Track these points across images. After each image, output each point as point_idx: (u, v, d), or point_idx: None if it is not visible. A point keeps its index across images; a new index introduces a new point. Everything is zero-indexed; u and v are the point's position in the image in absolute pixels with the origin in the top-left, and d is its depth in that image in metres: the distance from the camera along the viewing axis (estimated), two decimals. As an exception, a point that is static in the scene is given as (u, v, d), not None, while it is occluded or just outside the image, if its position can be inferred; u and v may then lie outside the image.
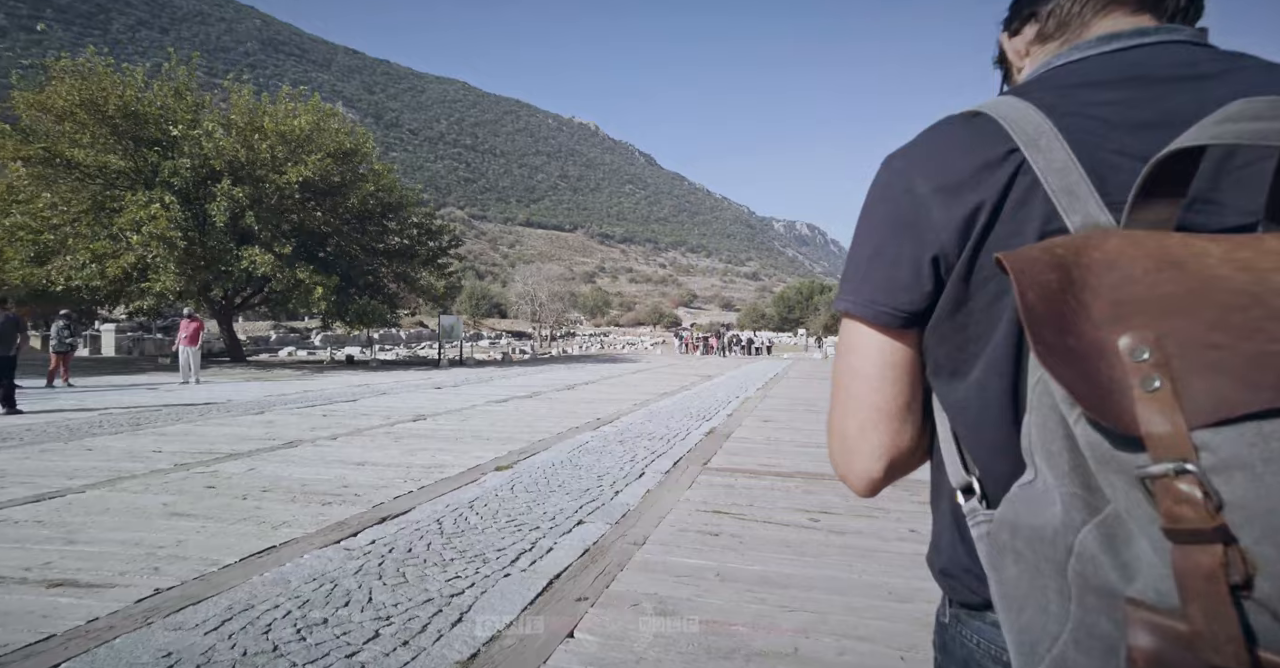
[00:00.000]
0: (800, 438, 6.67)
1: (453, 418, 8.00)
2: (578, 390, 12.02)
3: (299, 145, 16.54)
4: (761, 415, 8.53)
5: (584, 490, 4.36)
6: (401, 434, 6.70)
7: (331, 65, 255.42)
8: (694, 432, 6.99)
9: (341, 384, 12.93)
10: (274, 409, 8.68)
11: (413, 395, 10.81)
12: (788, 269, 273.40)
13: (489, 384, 13.35)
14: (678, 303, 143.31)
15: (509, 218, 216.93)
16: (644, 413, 8.61)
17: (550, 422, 7.71)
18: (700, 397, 10.95)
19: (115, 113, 14.26)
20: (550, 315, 60.82)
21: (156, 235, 13.71)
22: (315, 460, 5.28)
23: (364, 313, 17.89)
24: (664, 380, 14.85)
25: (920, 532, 3.54)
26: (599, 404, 9.64)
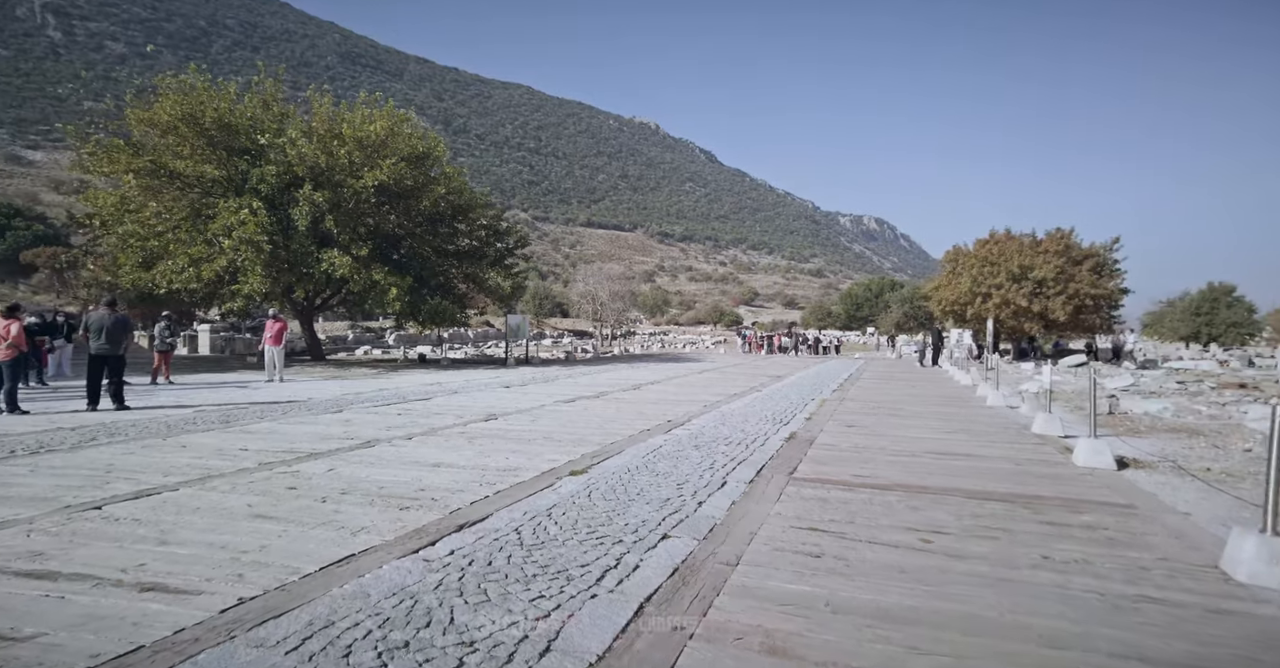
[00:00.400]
0: (891, 446, 6.19)
1: (523, 418, 7.94)
2: (644, 391, 11.81)
3: (375, 150, 17.11)
4: (843, 420, 8.05)
5: (664, 500, 4.11)
6: (474, 434, 6.66)
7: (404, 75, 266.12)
8: (773, 437, 6.62)
9: (415, 383, 13.23)
10: (352, 408, 8.90)
11: (483, 394, 10.90)
12: (854, 265, 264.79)
13: (555, 384, 13.35)
14: (738, 301, 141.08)
15: (570, 219, 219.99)
16: (716, 416, 8.29)
17: (620, 423, 7.51)
18: (773, 399, 10.52)
19: (211, 125, 15.21)
20: (611, 314, 61.20)
21: (245, 240, 14.49)
22: (392, 462, 5.27)
23: (436, 313, 18.34)
24: (732, 381, 14.45)
25: (1055, 559, 3.09)
26: (668, 405, 9.39)
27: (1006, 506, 4.05)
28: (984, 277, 22.85)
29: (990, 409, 9.38)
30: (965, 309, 23.56)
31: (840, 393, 11.73)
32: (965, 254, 24.88)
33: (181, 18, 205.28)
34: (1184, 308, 42.94)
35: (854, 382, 14.68)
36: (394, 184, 17.32)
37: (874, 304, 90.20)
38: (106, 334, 8.05)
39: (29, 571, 2.83)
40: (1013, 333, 23.77)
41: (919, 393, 12.06)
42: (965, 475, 4.91)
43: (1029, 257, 22.40)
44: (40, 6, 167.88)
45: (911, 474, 4.94)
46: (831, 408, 9.33)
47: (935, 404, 10.07)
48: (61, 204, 47.60)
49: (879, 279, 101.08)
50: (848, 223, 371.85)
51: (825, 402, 10.11)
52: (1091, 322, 22.22)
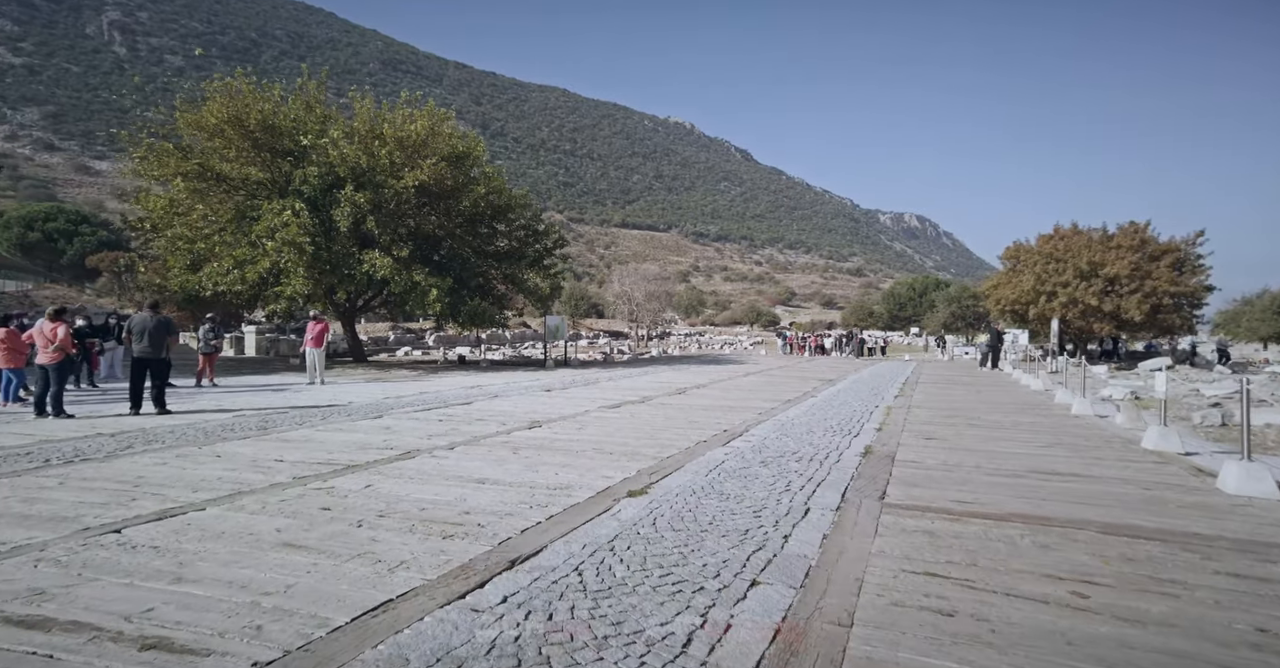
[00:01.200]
0: (985, 463, 5.48)
1: (568, 426, 7.48)
2: (690, 396, 11.24)
3: (415, 150, 17.00)
4: (918, 430, 7.33)
5: (742, 533, 3.54)
6: (519, 444, 6.21)
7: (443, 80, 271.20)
8: (846, 452, 5.98)
9: (455, 385, 12.95)
10: (392, 413, 8.58)
11: (524, 399, 10.50)
12: (895, 264, 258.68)
13: (596, 387, 12.89)
14: (775, 301, 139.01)
15: (605, 220, 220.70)
16: (775, 425, 7.67)
17: (672, 433, 6.97)
18: (832, 406, 9.82)
19: (255, 127, 15.29)
20: (646, 315, 60.74)
21: (288, 241, 14.48)
22: (434, 476, 4.84)
23: (475, 314, 18.14)
24: (782, 385, 13.75)
25: (1274, 630, 2.41)
26: (720, 413, 8.80)
27: (1162, 546, 3.36)
28: (1049, 274, 21.41)
29: (1078, 419, 8.50)
30: (1027, 309, 22.16)
31: (903, 399, 10.94)
32: (1027, 250, 23.40)
33: (235, 30, 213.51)
34: (1264, 306, 40.00)
35: (914, 386, 13.80)
36: (434, 184, 17.17)
37: (918, 304, 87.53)
38: (149, 337, 7.91)
39: (23, 617, 2.45)
40: (1080, 334, 22.27)
41: (990, 399, 11.17)
42: (1089, 503, 4.21)
43: (1099, 253, 20.88)
44: (108, 24, 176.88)
45: (1023, 500, 4.26)
46: (900, 417, 8.60)
47: (1013, 412, 9.23)
48: (122, 210, 49.66)
49: (923, 278, 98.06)
50: (888, 221, 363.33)
51: (891, 409, 9.37)
52: (1170, 322, 20.57)
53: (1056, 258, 21.59)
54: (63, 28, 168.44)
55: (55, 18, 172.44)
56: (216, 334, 12.12)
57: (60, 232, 53.67)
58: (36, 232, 52.76)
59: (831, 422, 7.98)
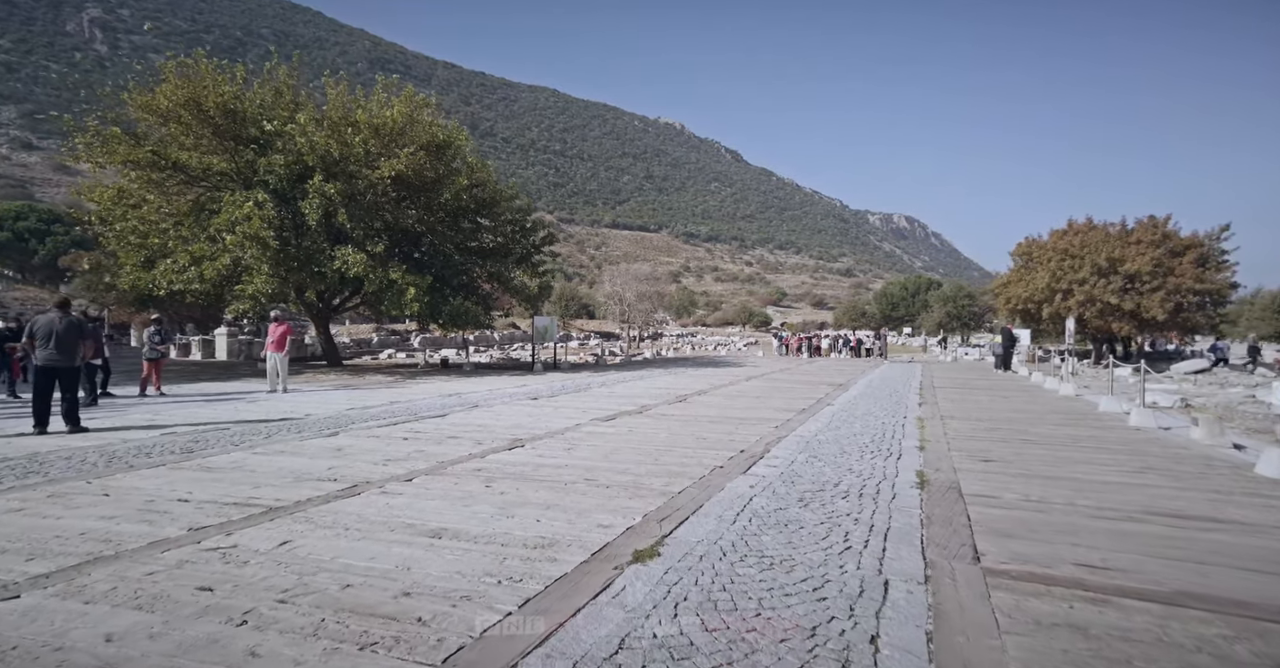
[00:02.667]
0: (1079, 498, 4.37)
1: (555, 445, 6.32)
2: (693, 404, 10.12)
3: (392, 139, 15.77)
4: (969, 450, 6.24)
5: (808, 632, 2.41)
6: (494, 473, 5.06)
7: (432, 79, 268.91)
8: (896, 481, 4.87)
9: (432, 393, 11.75)
10: (351, 429, 7.38)
11: (507, 409, 9.33)
12: (885, 264, 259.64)
13: (588, 394, 11.74)
14: (767, 301, 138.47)
15: (595, 220, 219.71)
16: (798, 443, 6.55)
17: (680, 454, 5.84)
18: (854, 416, 8.72)
19: (215, 112, 13.97)
20: (638, 316, 59.67)
21: (250, 236, 13.21)
22: (377, 525, 3.67)
23: (457, 315, 16.90)
24: (789, 390, 12.66)
25: None
26: (730, 426, 7.68)
27: None
28: (1064, 271, 20.40)
29: (1142, 433, 7.45)
30: (1040, 308, 21.18)
31: (930, 407, 9.86)
32: (1040, 247, 22.38)
33: (219, 28, 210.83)
34: (1264, 305, 39.45)
35: (932, 391, 12.75)
36: (414, 176, 15.95)
37: (910, 304, 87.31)
38: (56, 341, 6.66)
39: None
40: (1098, 333, 21.33)
41: (1023, 407, 10.12)
42: (1273, 571, 3.10)
43: (1118, 248, 19.94)
44: (89, 22, 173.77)
45: (1176, 565, 3.15)
46: (937, 429, 7.51)
47: (1061, 424, 8.17)
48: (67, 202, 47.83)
49: (915, 277, 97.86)
50: (877, 221, 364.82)
51: (923, 421, 8.28)
52: (1194, 321, 19.63)
53: (1072, 254, 20.60)
54: (41, 25, 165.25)
55: (34, 14, 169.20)
56: (163, 338, 10.84)
57: (31, 231, 51.80)
58: (6, 231, 50.91)
59: (862, 438, 6.87)
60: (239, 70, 15.26)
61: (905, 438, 6.90)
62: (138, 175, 14.05)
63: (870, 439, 6.80)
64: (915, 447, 6.40)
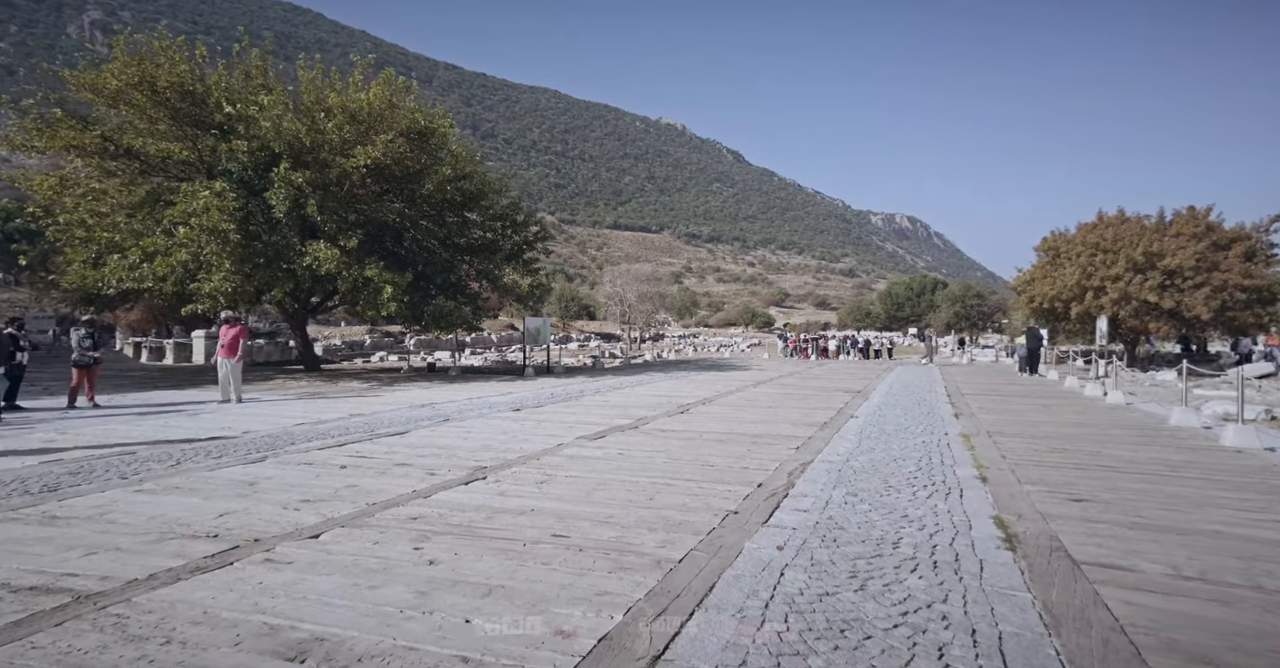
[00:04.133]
0: (1266, 577, 3.08)
1: (526, 477, 5.06)
2: (695, 416, 8.84)
3: (370, 126, 14.52)
4: (1043, 481, 4.95)
5: None
6: (433, 524, 3.79)
7: (433, 81, 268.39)
8: (975, 538, 3.58)
9: (404, 403, 10.49)
10: (284, 453, 6.12)
11: (481, 425, 8.07)
12: (887, 265, 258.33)
13: (578, 403, 10.47)
14: (769, 302, 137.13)
15: (597, 221, 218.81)
16: (829, 474, 5.27)
17: (681, 491, 4.57)
18: (885, 432, 7.43)
19: (171, 93, 12.70)
20: (639, 316, 58.46)
21: (207, 228, 11.97)
22: (216, 633, 2.40)
23: (441, 315, 15.61)
24: (803, 399, 11.37)
25: None
26: (742, 447, 6.41)
27: None
28: (1096, 267, 19.00)
29: (1252, 457, 6.16)
30: (1068, 306, 19.80)
31: (968, 420, 8.57)
32: (1068, 241, 20.95)
33: (219, 30, 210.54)
34: None
35: (961, 399, 11.45)
36: (393, 165, 14.71)
37: (915, 304, 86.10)
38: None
39: None
40: (1132, 333, 19.94)
41: (1078, 420, 8.82)
42: None
43: (1155, 241, 18.56)
44: (89, 24, 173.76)
45: None
46: (990, 452, 6.22)
47: (1135, 443, 6.88)
48: None
49: (921, 277, 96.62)
50: (879, 222, 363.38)
51: (969, 438, 6.99)
52: (1242, 320, 18.21)
53: (1104, 248, 19.19)
54: (43, 27, 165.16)
55: (35, 17, 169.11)
56: (95, 342, 9.59)
57: (20, 231, 50.73)
58: (-5, 232, 49.81)
59: (905, 464, 5.59)
60: (200, 49, 14.00)
61: (957, 464, 5.62)
62: (85, 162, 12.82)
63: (916, 466, 5.52)
64: (975, 477, 5.12)
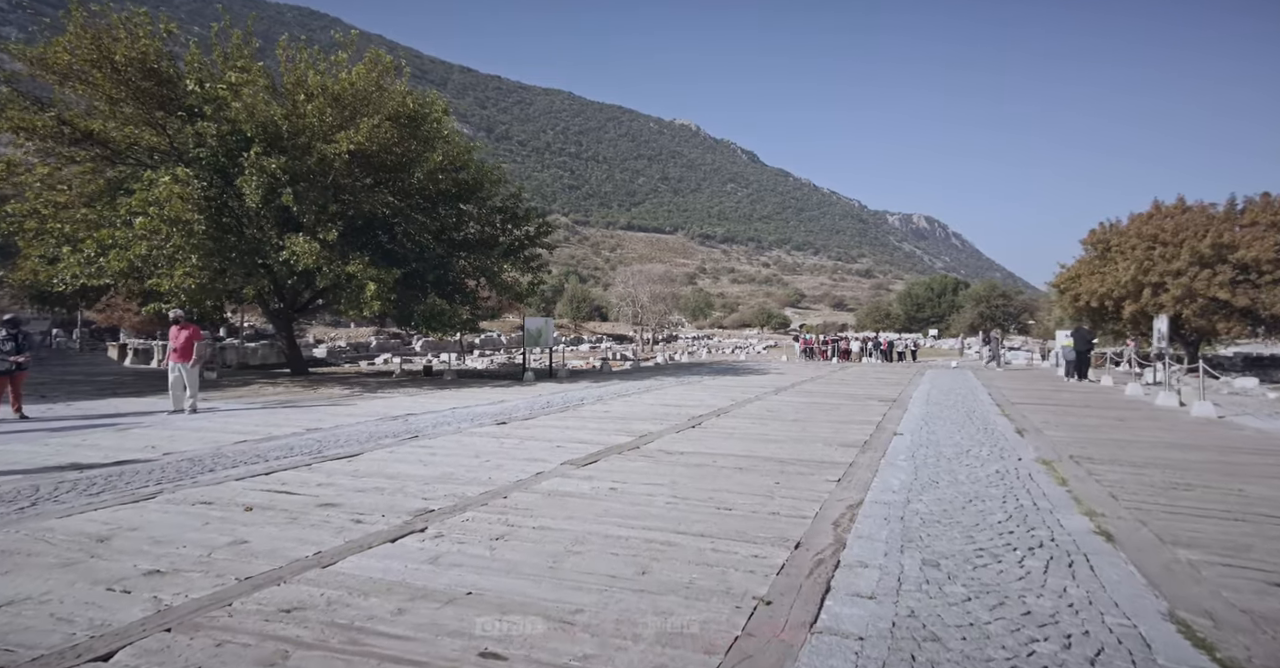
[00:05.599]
0: None
1: (478, 530, 3.72)
2: (709, 433, 7.47)
3: (355, 109, 13.34)
4: (1197, 540, 3.50)
5: None
6: (309, 628, 2.46)
7: (447, 84, 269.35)
8: (1136, 648, 2.18)
9: (375, 415, 9.23)
10: (190, 484, 4.85)
11: (452, 442, 6.76)
12: (905, 265, 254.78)
13: (575, 414, 9.14)
14: (784, 303, 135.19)
15: (610, 222, 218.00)
16: (889, 525, 3.88)
17: (688, 559, 3.20)
18: (944, 458, 6.01)
19: (131, 70, 11.56)
20: (652, 317, 57.11)
21: (168, 219, 10.82)
22: None
23: (432, 315, 14.38)
24: (832, 409, 9.93)
25: None
26: (767, 479, 5.03)
27: None
28: (1155, 261, 17.23)
29: None
30: (1119, 305, 18.06)
31: (1036, 438, 7.09)
32: (1121, 233, 19.16)
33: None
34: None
35: (1014, 411, 9.94)
36: (381, 152, 13.51)
37: (936, 304, 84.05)
38: None
39: None
40: (1196, 334, 18.12)
41: (1175, 439, 7.33)
42: None
43: (1225, 232, 16.76)
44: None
45: None
46: (1088, 487, 4.77)
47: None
48: None
49: (941, 278, 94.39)
50: (896, 222, 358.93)
51: (1052, 466, 5.54)
52: (1334, 318, 16.31)
53: (1163, 241, 17.41)
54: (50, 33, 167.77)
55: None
56: (19, 345, 8.43)
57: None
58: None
59: (988, 510, 4.17)
60: (168, 25, 12.82)
61: (1058, 510, 4.19)
62: (37, 146, 11.76)
63: (1002, 510, 4.10)
64: (1092, 532, 3.70)
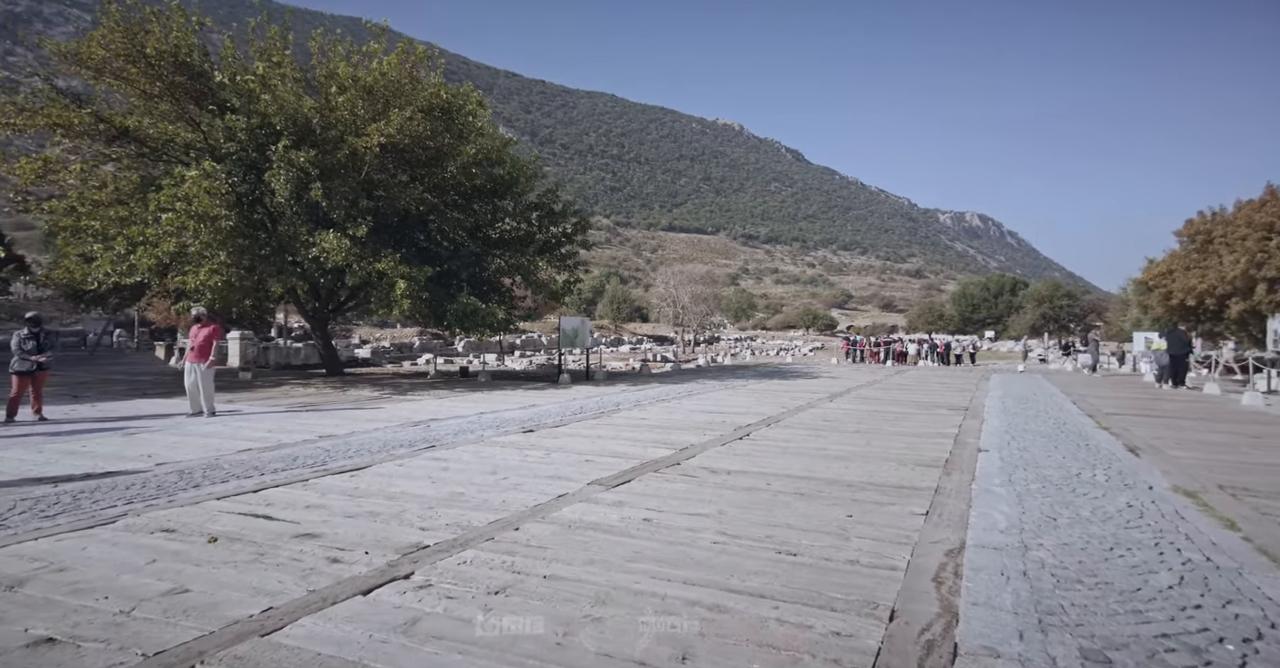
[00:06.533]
0: None
1: (474, 578, 2.90)
2: (760, 447, 6.51)
3: (387, 101, 12.90)
4: None
5: None
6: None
7: (493, 89, 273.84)
8: None
9: (396, 421, 8.62)
10: (163, 504, 4.22)
11: (471, 454, 6.02)
12: (957, 265, 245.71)
13: (610, 421, 8.31)
14: (831, 304, 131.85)
15: (652, 223, 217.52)
16: (1013, 585, 2.87)
17: (744, 637, 2.29)
18: (1052, 485, 4.90)
19: (164, 64, 11.33)
20: (693, 318, 56.02)
21: (195, 214, 10.53)
22: None
23: (465, 315, 13.80)
24: (899, 419, 8.81)
25: None
26: (836, 509, 4.05)
27: None
28: (1270, 253, 15.18)
29: None
30: (1225, 303, 16.08)
31: (1161, 461, 5.85)
32: (1226, 223, 17.09)
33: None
34: None
35: (1112, 422, 8.59)
36: (413, 145, 13.03)
37: (993, 305, 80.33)
38: None
39: None
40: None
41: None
42: None
43: (1363, 217, 14.59)
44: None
45: None
46: (1273, 531, 3.63)
47: None
48: None
49: (998, 277, 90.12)
50: (948, 220, 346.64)
51: (1202, 500, 4.37)
52: None
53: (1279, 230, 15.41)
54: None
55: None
56: (40, 344, 8.15)
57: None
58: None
59: (1143, 564, 3.10)
60: (203, 19, 12.59)
61: (1246, 569, 3.09)
62: (73, 144, 11.69)
63: (1168, 571, 3.04)
64: (1324, 613, 2.60)
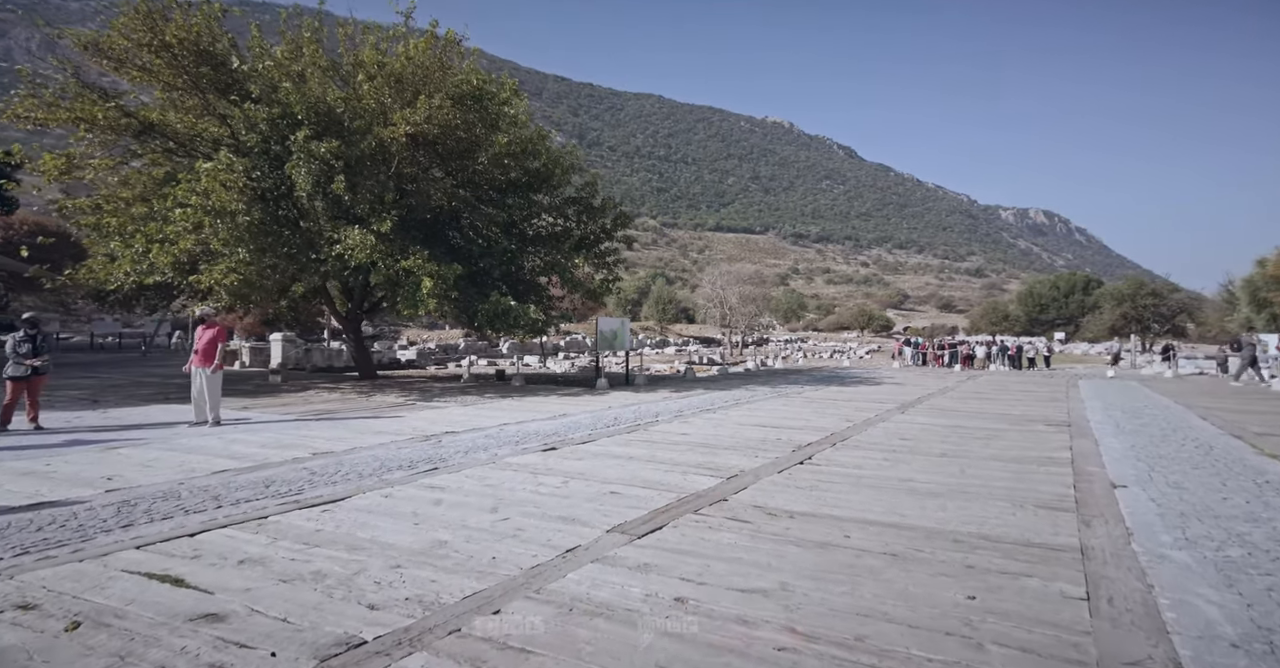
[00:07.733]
0: None
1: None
2: (827, 474, 5.25)
3: (415, 88, 12.16)
4: None
5: None
6: None
7: (543, 93, 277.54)
8: None
9: (408, 434, 7.73)
10: (66, 556, 3.33)
11: (475, 480, 4.99)
12: (1020, 263, 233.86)
13: (646, 436, 7.17)
14: (886, 304, 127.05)
15: (699, 224, 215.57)
16: None
17: None
18: (1237, 537, 3.48)
19: (180, 48, 10.85)
20: (741, 319, 54.26)
21: (211, 209, 9.99)
22: None
23: (497, 315, 12.93)
24: (990, 437, 7.34)
25: None
26: (947, 591, 2.79)
27: None
28: None
29: None
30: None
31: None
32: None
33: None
34: None
35: (1268, 443, 6.88)
36: (442, 135, 12.25)
37: (1063, 305, 75.36)
38: None
39: None
40: None
41: None
42: None
43: None
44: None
45: None
46: None
47: None
48: None
49: (1070, 275, 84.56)
50: (1010, 217, 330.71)
51: None
52: None
53: None
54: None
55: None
56: (37, 347, 7.63)
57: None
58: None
59: None
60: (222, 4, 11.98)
61: None
62: (98, 138, 11.39)
63: None
64: None
